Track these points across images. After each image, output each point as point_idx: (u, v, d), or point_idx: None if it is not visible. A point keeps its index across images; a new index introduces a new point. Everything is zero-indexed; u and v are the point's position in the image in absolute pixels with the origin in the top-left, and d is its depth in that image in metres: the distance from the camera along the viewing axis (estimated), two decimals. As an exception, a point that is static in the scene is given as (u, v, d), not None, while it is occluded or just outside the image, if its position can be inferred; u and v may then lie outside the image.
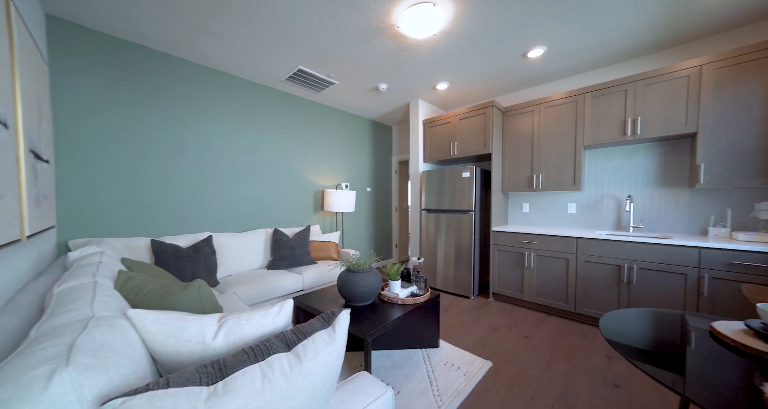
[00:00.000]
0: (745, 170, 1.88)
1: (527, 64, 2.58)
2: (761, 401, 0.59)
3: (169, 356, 0.59)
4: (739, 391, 0.67)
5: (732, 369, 0.74)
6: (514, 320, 2.39)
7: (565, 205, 2.88)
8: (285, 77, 2.78)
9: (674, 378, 0.74)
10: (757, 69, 1.83)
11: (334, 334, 0.61)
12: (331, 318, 0.66)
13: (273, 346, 0.58)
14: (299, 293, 2.42)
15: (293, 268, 2.64)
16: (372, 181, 4.37)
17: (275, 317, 0.71)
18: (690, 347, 0.88)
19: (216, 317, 0.68)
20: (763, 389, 0.58)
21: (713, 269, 1.80)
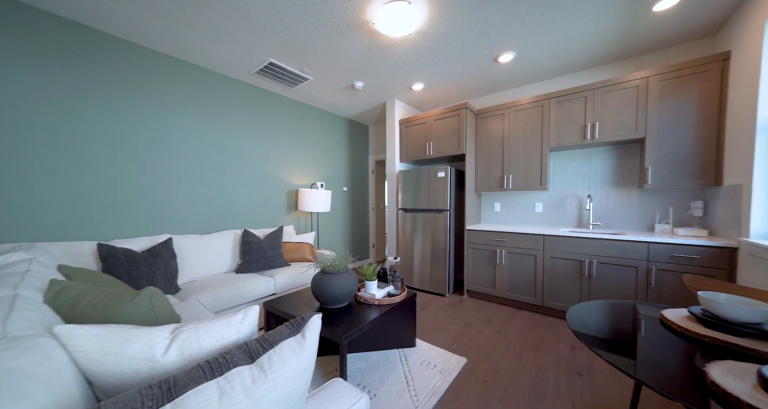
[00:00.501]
0: (684, 173, 2.09)
1: (498, 69, 2.68)
2: (704, 381, 0.64)
3: (108, 377, 0.51)
4: (685, 372, 0.73)
5: (679, 352, 0.80)
6: (488, 316, 2.46)
7: (533, 204, 3.04)
8: (255, 70, 2.64)
9: (628, 363, 0.79)
10: (692, 82, 2.05)
11: (303, 341, 0.57)
12: (300, 324, 0.61)
13: (234, 358, 0.53)
14: (271, 297, 2.30)
15: (265, 271, 2.51)
16: (348, 180, 4.31)
17: (239, 325, 0.64)
18: (642, 334, 0.95)
19: (169, 328, 0.61)
20: (706, 369, 0.63)
21: (659, 262, 1.98)
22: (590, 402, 1.39)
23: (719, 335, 0.79)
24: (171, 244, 2.13)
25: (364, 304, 1.72)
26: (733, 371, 0.62)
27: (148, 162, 2.28)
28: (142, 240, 2.09)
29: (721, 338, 0.77)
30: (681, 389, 0.65)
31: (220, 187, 2.75)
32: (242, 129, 2.93)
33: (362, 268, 1.79)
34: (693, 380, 0.70)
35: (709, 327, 0.83)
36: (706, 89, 2.00)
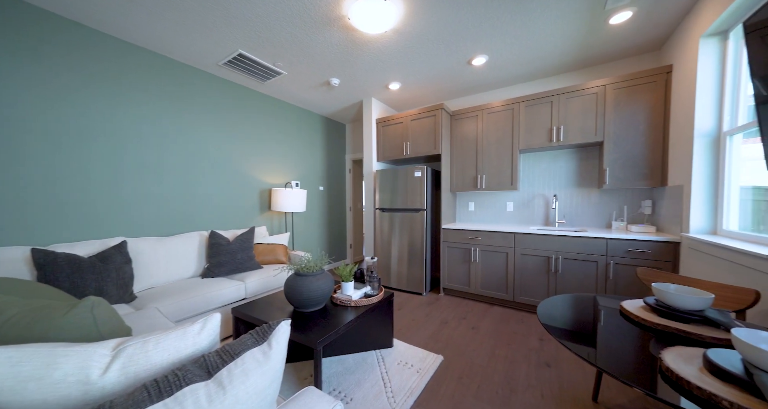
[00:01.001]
0: (636, 174, 2.29)
1: (472, 71, 2.76)
2: (659, 367, 0.69)
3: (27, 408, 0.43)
4: (642, 359, 0.78)
5: (637, 341, 0.86)
6: (463, 313, 2.52)
7: (505, 203, 3.16)
8: (223, 61, 2.48)
9: (591, 352, 0.83)
10: (641, 92, 2.24)
11: (269, 351, 0.52)
12: (266, 332, 0.57)
13: (188, 375, 0.47)
14: (242, 303, 2.17)
15: (234, 274, 2.36)
16: (325, 179, 4.21)
17: (196, 336, 0.58)
18: (602, 324, 1.00)
19: (111, 343, 0.53)
20: (660, 356, 0.68)
21: (616, 256, 2.15)
22: (558, 392, 1.46)
23: (670, 322, 0.85)
24: (125, 247, 1.93)
25: (341, 306, 1.68)
26: (683, 355, 0.67)
27: (97, 156, 2.05)
28: (90, 244, 1.87)
29: (671, 325, 0.83)
30: (638, 376, 0.69)
31: (185, 185, 2.55)
32: (210, 124, 2.74)
33: (338, 269, 1.75)
34: (649, 367, 0.75)
35: (661, 316, 0.89)
36: (653, 99, 2.20)
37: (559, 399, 1.41)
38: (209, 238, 2.41)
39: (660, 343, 0.81)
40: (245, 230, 2.80)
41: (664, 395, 0.60)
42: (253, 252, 2.54)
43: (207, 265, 2.36)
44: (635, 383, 0.67)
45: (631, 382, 0.67)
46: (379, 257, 3.36)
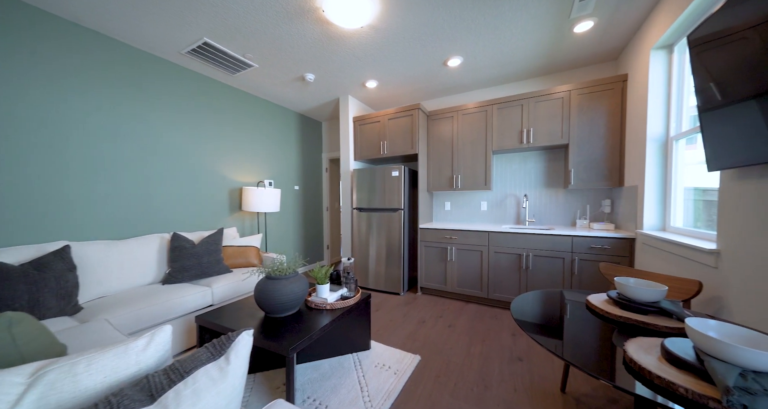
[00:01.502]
0: (597, 175, 2.45)
1: (448, 72, 2.80)
2: (623, 357, 0.72)
3: None
4: (607, 350, 0.81)
5: (601, 333, 0.90)
6: (440, 311, 2.54)
7: (479, 203, 3.25)
8: (187, 50, 2.29)
9: (559, 345, 0.86)
10: (602, 98, 2.41)
11: (226, 366, 0.47)
12: (224, 344, 0.51)
13: (125, 400, 0.40)
14: (209, 309, 2.02)
15: (200, 279, 2.20)
16: (300, 178, 4.07)
17: (140, 353, 0.51)
18: (569, 318, 1.05)
19: (28, 369, 0.44)
20: (624, 348, 0.71)
21: (580, 253, 2.28)
22: (529, 385, 1.51)
23: (630, 314, 0.90)
24: (68, 253, 1.71)
25: (316, 309, 1.61)
26: (644, 346, 0.71)
27: (35, 149, 1.80)
28: (23, 249, 1.64)
29: (632, 317, 0.88)
30: (603, 365, 0.72)
31: (142, 182, 2.33)
32: (173, 116, 2.52)
33: (313, 271, 1.68)
34: (612, 357, 0.78)
35: (623, 309, 0.95)
36: (611, 105, 2.37)
37: (531, 392, 1.45)
38: (171, 240, 2.22)
39: (622, 334, 0.85)
40: (213, 231, 2.62)
41: (625, 384, 0.63)
42: (222, 255, 2.38)
43: (169, 270, 2.17)
44: (599, 373, 0.70)
45: (595, 373, 0.70)
46: (356, 257, 3.31)
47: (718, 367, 0.55)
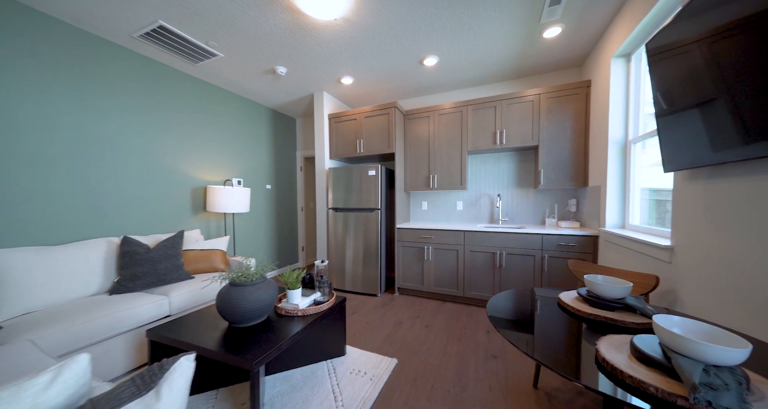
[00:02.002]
0: (564, 176, 2.56)
1: (424, 72, 2.79)
2: (596, 357, 0.72)
3: None
4: (577, 347, 0.81)
5: (572, 330, 0.91)
6: (417, 312, 2.53)
7: (455, 202, 3.30)
8: (139, 33, 2.06)
9: (531, 343, 0.85)
10: (568, 102, 2.52)
11: (156, 403, 0.38)
12: (155, 375, 0.42)
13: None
14: (165, 321, 1.83)
15: (156, 288, 1.99)
16: (273, 177, 3.88)
17: (40, 393, 0.40)
18: (541, 316, 1.06)
19: None
20: (597, 347, 0.71)
21: (550, 250, 2.38)
22: (504, 382, 1.53)
23: (599, 311, 0.92)
24: (-14, 263, 1.46)
25: (286, 316, 1.51)
26: (614, 344, 0.71)
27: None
28: (-77, 261, 1.36)
29: (600, 314, 0.90)
30: (572, 362, 0.72)
31: (84, 180, 2.06)
32: (124, 108, 2.26)
33: (283, 275, 1.57)
34: (581, 354, 0.78)
35: (592, 306, 0.97)
36: (577, 109, 2.49)
37: (505, 389, 1.47)
38: (121, 245, 1.98)
39: (593, 331, 0.87)
40: (172, 234, 2.39)
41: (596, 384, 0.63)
42: (182, 260, 2.18)
43: (117, 278, 1.94)
44: (572, 373, 0.69)
45: (568, 372, 0.70)
46: (333, 259, 3.21)
47: (685, 364, 0.56)
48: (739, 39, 0.88)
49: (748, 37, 0.84)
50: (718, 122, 0.99)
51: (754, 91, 0.85)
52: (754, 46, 0.83)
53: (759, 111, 0.84)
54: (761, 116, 0.83)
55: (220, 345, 1.20)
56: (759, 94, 0.83)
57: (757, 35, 0.82)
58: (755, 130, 0.85)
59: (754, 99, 0.85)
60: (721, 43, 0.94)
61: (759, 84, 0.83)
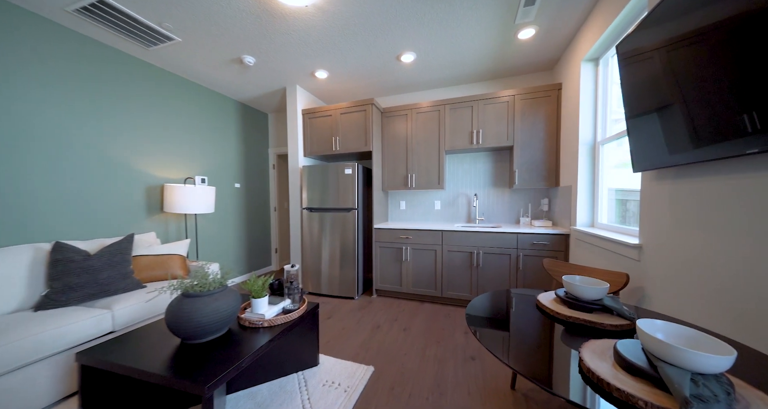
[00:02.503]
0: (538, 176, 2.62)
1: (402, 68, 2.73)
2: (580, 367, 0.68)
3: None
4: (559, 356, 0.78)
5: (552, 334, 0.87)
6: (395, 314, 2.46)
7: (433, 202, 3.28)
8: (74, 6, 1.79)
9: (509, 348, 0.81)
10: (541, 104, 2.58)
11: None
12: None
13: None
14: (106, 339, 1.60)
15: (97, 300, 1.74)
16: (243, 176, 3.63)
17: None
18: (519, 318, 1.02)
19: None
20: (580, 355, 0.67)
21: (525, 249, 2.41)
22: (482, 385, 1.50)
23: (578, 313, 0.90)
24: None
25: (251, 328, 1.37)
26: (597, 351, 0.68)
27: None
28: None
29: (580, 317, 0.88)
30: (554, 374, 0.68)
31: (5, 177, 1.75)
32: (60, 95, 1.96)
33: (247, 283, 1.43)
34: (559, 361, 0.74)
35: (570, 307, 0.94)
36: (549, 111, 2.56)
37: (484, 392, 1.44)
38: (52, 252, 1.71)
39: (570, 334, 0.84)
40: (119, 238, 2.12)
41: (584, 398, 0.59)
42: (131, 267, 1.93)
43: (47, 291, 1.66)
44: (549, 380, 0.65)
45: (545, 380, 0.65)
46: (307, 261, 3.05)
47: (673, 375, 0.52)
48: (689, 50, 0.93)
49: (697, 49, 0.89)
50: (675, 126, 1.01)
51: (702, 99, 0.90)
52: (702, 57, 0.89)
53: (707, 118, 0.87)
54: (710, 122, 0.86)
55: (167, 367, 1.04)
56: (708, 102, 0.87)
57: (703, 47, 0.86)
58: (705, 135, 0.88)
59: (704, 106, 0.89)
60: (675, 52, 0.99)
61: (707, 93, 0.88)
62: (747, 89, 0.75)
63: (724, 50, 0.81)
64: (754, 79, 0.73)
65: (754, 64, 0.73)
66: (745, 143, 0.77)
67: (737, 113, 0.78)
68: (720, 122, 0.84)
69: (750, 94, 0.75)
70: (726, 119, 0.82)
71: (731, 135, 0.80)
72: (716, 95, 0.85)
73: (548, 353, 0.77)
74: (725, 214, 0.91)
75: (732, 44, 0.78)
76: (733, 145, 0.80)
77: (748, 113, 0.76)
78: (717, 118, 0.85)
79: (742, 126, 0.77)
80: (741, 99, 0.77)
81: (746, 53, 0.75)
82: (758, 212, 0.81)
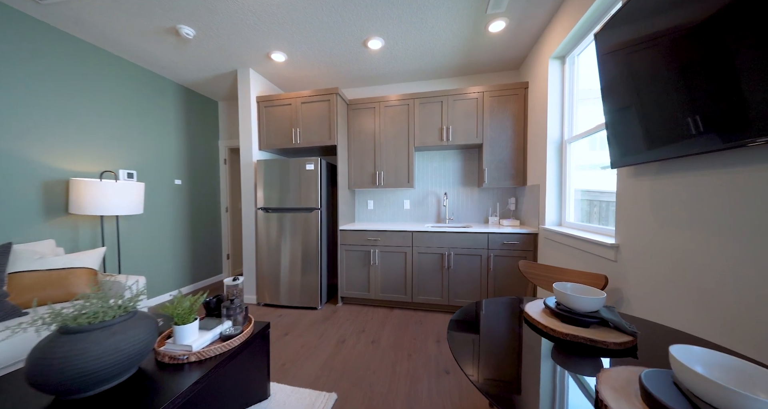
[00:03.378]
0: (506, 174, 2.59)
1: (369, 57, 2.52)
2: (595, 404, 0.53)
3: None
4: (571, 391, 0.63)
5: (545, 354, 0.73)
6: (362, 324, 2.24)
7: (402, 201, 3.12)
8: None
9: (497, 375, 0.65)
10: (509, 102, 2.56)
11: None
12: None
13: None
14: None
15: (-53, 338, 1.24)
16: (186, 171, 3.12)
17: None
18: (505, 336, 0.87)
19: None
20: (600, 397, 0.51)
21: (495, 249, 2.35)
22: (458, 403, 1.35)
23: (575, 330, 0.76)
24: None
25: (173, 365, 1.05)
26: (617, 386, 0.53)
27: None
28: None
29: (578, 334, 0.74)
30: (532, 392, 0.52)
31: None
32: None
33: (165, 307, 1.09)
34: (558, 391, 0.60)
35: (565, 322, 0.81)
36: (516, 109, 2.54)
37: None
38: None
39: (564, 352, 0.70)
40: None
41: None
42: (4, 288, 1.44)
43: None
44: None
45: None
46: (264, 268, 2.69)
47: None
48: (647, 53, 0.96)
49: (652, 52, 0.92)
50: (657, 118, 0.95)
51: (655, 100, 0.94)
52: (655, 60, 0.93)
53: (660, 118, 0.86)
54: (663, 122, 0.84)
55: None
56: (660, 103, 0.90)
57: (657, 51, 0.90)
58: (661, 134, 0.86)
59: (657, 106, 0.92)
60: (634, 54, 1.02)
61: (658, 95, 0.92)
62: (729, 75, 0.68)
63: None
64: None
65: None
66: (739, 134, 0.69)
67: (735, 98, 0.71)
68: (716, 110, 0.77)
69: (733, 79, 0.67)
70: (719, 106, 0.74)
71: (723, 127, 0.73)
72: (707, 80, 0.78)
73: (552, 387, 0.61)
74: (711, 211, 0.85)
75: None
76: (723, 138, 0.73)
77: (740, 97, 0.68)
78: (711, 104, 0.78)
79: (738, 112, 0.69)
80: (723, 86, 0.70)
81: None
82: (748, 207, 0.74)
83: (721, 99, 0.73)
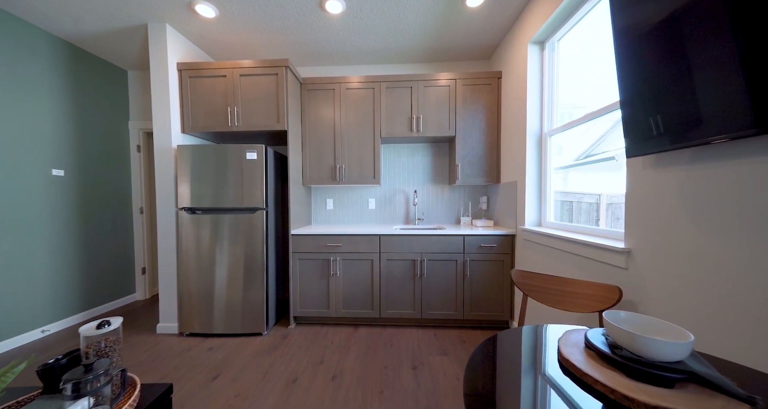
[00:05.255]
0: (479, 171, 2.39)
1: (327, 24, 2.09)
2: None
3: None
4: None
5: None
6: (320, 353, 1.81)
7: (367, 200, 2.74)
8: None
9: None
10: (482, 92, 2.36)
11: None
12: None
13: None
14: None
15: None
16: (73, 158, 2.31)
17: None
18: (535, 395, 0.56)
19: None
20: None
21: (471, 253, 2.12)
22: (449, 463, 1.03)
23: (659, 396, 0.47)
24: None
25: None
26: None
27: None
28: None
29: (662, 404, 0.45)
30: None
31: None
32: None
33: None
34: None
35: (631, 377, 0.53)
36: (490, 100, 2.35)
37: (454, 480, 0.97)
38: None
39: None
40: None
41: None
42: None
43: None
44: None
45: None
46: (191, 285, 2.07)
47: None
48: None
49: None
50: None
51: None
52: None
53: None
54: None
55: None
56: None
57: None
58: None
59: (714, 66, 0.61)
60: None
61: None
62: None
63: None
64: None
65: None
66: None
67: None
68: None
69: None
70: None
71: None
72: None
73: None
74: (760, 209, 0.65)
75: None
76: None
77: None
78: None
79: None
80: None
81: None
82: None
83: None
